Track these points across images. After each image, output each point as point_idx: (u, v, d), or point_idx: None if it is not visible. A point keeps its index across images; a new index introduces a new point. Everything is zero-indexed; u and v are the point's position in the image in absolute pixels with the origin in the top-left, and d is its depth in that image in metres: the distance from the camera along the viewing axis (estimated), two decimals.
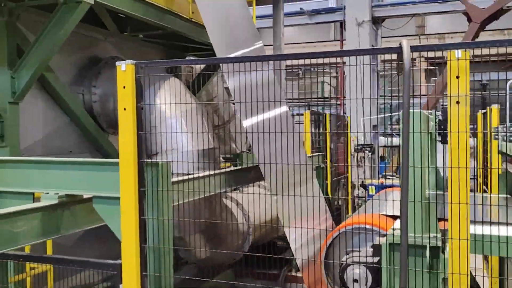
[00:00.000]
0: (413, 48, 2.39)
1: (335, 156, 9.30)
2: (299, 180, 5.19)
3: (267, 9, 12.32)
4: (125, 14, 5.07)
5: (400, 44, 2.39)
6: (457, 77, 2.44)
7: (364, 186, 8.32)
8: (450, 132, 2.46)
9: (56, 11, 4.50)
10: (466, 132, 2.47)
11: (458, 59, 2.43)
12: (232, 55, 5.22)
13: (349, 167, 9.49)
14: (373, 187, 7.26)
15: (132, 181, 2.68)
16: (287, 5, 15.54)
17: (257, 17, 16.25)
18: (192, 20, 6.06)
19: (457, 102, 2.42)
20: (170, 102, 5.49)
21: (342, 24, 14.33)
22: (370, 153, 9.78)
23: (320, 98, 15.46)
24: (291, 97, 18.14)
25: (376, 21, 13.64)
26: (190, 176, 3.46)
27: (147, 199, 2.74)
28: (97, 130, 5.66)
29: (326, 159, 8.26)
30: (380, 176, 9.37)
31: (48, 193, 2.94)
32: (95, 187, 2.92)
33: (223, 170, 4.56)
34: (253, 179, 5.00)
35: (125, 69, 2.93)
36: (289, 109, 16.95)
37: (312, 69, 21.04)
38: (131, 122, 2.80)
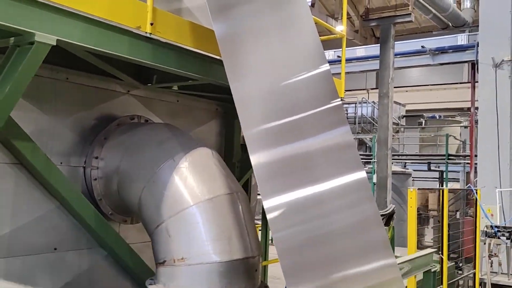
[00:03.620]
0: None
1: (459, 245, 6.90)
2: None
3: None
4: (117, 58, 3.47)
5: None
6: None
7: None
8: None
9: (7, 56, 3.06)
10: None
11: None
12: (274, 124, 3.37)
13: (477, 261, 6.98)
14: None
15: None
16: (406, 43, 13.30)
17: (366, 58, 14.24)
18: None
19: None
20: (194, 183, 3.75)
21: (474, 65, 11.71)
22: (508, 240, 7.14)
23: (443, 155, 12.80)
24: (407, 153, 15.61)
25: None
26: None
27: None
28: (99, 218, 4.09)
29: (442, 253, 5.95)
30: None
31: None
32: None
33: None
34: None
35: None
36: (404, 166, 14.46)
37: (437, 116, 18.23)
38: None
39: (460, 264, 7.66)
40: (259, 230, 8.84)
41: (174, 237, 3.62)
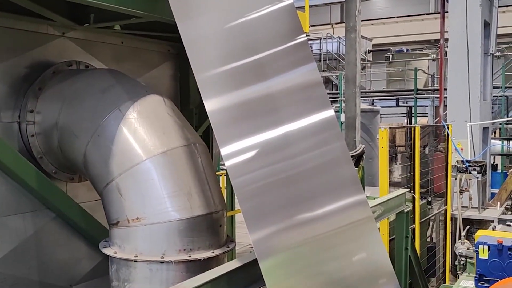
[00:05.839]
0: None
1: (429, 184, 6.75)
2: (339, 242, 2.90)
3: None
4: None
5: None
6: None
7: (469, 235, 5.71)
8: None
9: None
10: None
11: None
12: (231, 65, 2.96)
13: (449, 197, 6.88)
14: (486, 247, 4.68)
15: None
16: None
17: None
18: None
19: None
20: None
21: None
22: (479, 175, 7.03)
23: (411, 90, 12.57)
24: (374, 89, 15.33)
25: None
26: None
27: None
28: (41, 178, 3.66)
29: (414, 192, 5.78)
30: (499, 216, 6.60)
31: None
32: None
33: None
34: None
35: None
36: (372, 103, 14.26)
37: (405, 50, 17.88)
38: None
39: (429, 199, 7.59)
40: (225, 175, 8.54)
41: (126, 195, 3.27)
